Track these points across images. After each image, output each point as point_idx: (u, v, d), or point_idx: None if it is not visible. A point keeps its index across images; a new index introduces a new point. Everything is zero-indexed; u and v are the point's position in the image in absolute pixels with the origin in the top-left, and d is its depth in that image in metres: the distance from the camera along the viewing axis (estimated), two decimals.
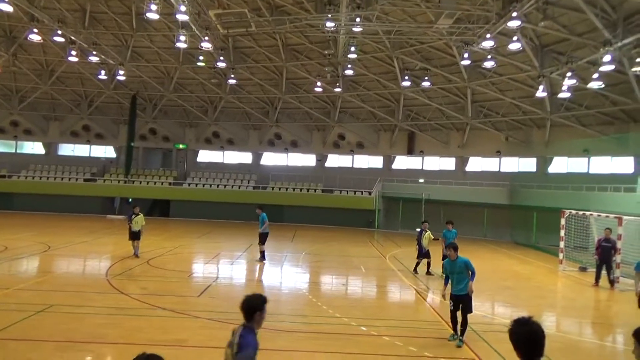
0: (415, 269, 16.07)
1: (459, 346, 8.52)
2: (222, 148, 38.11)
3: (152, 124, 37.47)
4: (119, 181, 35.68)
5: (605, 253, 14.97)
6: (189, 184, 35.90)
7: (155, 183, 35.99)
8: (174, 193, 35.26)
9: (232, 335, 4.38)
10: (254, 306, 4.36)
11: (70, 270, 14.83)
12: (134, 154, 36.73)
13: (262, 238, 17.01)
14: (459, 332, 8.71)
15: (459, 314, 8.71)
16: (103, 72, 31.05)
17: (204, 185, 35.83)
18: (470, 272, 8.77)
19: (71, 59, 27.76)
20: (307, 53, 30.93)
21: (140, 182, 35.80)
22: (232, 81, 31.68)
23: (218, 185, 35.82)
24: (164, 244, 20.46)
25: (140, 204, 34.39)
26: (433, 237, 15.75)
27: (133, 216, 16.67)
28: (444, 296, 9.15)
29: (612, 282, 15.10)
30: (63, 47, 29.31)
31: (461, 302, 8.67)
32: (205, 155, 38.96)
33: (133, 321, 9.37)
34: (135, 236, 16.58)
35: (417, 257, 15.97)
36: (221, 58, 28.44)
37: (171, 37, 28.56)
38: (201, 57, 28.42)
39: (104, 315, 9.58)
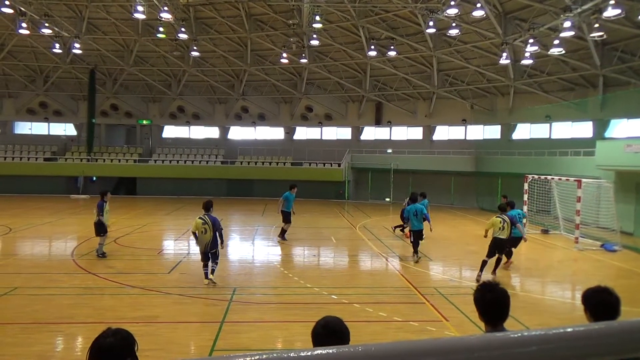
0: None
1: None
2: (187, 123, 37.31)
3: (114, 100, 36.23)
4: (81, 159, 34.59)
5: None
6: (155, 161, 35.13)
7: (119, 161, 35.07)
8: (140, 170, 34.47)
9: (203, 219, 10.24)
10: (209, 203, 10.56)
11: (34, 252, 14.43)
12: (95, 131, 35.56)
13: (284, 216, 16.33)
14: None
15: None
16: (57, 45, 29.61)
17: (170, 161, 35.14)
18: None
19: (22, 31, 26.32)
20: (272, 23, 30.25)
21: (104, 160, 34.81)
22: (195, 53, 30.76)
23: (185, 161, 35.20)
24: (131, 223, 20.10)
25: (105, 182, 33.86)
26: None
27: (105, 205, 13.09)
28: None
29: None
30: (12, 19, 27.74)
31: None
32: (171, 131, 38.08)
33: (102, 300, 9.26)
34: (104, 229, 12.97)
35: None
36: (182, 29, 27.48)
37: (128, 7, 27.40)
38: (161, 29, 27.43)
39: (71, 296, 9.41)
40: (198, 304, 9.21)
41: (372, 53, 28.86)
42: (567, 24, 19.35)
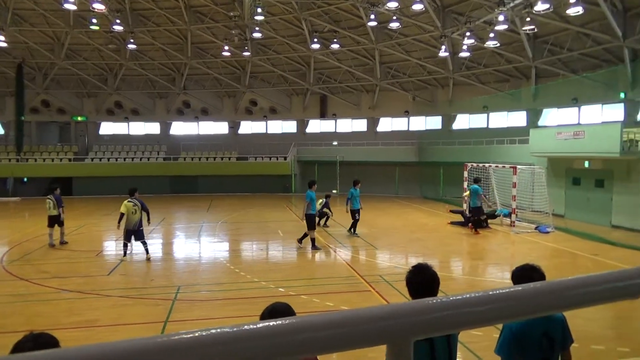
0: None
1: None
2: (126, 119, 35.85)
3: (45, 95, 34.19)
4: (9, 160, 32.45)
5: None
6: (92, 159, 33.55)
7: (53, 160, 33.20)
8: (76, 169, 32.80)
9: (133, 201, 12.32)
10: (134, 189, 12.68)
11: None
12: (25, 129, 33.41)
13: (308, 221, 13.91)
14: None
15: None
16: None
17: (109, 159, 33.67)
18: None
19: None
20: (212, 15, 29.53)
21: (36, 160, 32.85)
22: (131, 46, 29.53)
23: (125, 159, 33.84)
24: (67, 224, 19.05)
25: (38, 183, 32.00)
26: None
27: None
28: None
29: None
30: None
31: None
32: (108, 128, 36.44)
33: (35, 307, 8.73)
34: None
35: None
36: (117, 21, 26.29)
37: None
38: (94, 20, 26.12)
39: (1, 304, 8.80)
40: (140, 304, 8.88)
41: (316, 46, 28.86)
42: (501, 17, 20.17)
